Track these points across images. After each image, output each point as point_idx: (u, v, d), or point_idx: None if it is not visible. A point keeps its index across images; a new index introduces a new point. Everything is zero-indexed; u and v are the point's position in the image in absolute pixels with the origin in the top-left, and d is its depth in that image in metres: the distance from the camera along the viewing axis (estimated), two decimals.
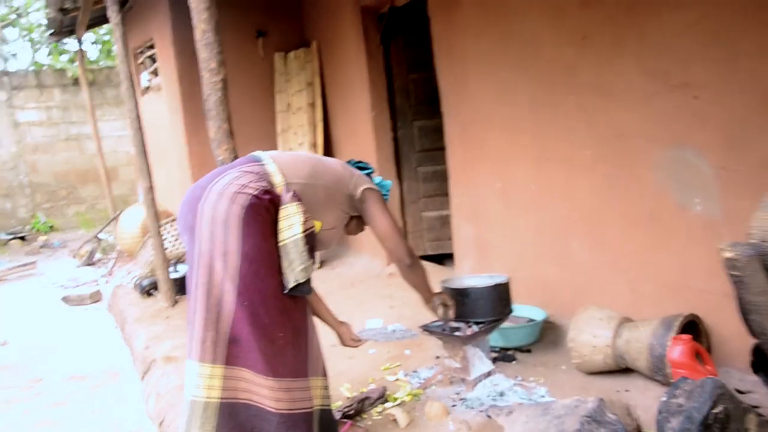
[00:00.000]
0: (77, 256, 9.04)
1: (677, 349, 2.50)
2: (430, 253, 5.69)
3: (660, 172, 3.07)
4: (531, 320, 3.58)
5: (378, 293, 5.01)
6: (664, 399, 2.08)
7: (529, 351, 3.45)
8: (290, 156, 2.53)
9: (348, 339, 2.81)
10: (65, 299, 6.87)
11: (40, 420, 3.89)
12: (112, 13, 5.11)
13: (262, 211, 2.28)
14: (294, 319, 2.34)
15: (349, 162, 2.80)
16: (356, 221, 2.72)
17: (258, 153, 2.51)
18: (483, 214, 4.32)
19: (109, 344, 5.31)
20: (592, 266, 3.53)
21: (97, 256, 8.82)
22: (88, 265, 8.68)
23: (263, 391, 2.24)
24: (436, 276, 5.06)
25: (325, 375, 2.53)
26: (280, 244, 2.31)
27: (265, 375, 2.23)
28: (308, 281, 2.34)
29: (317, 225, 2.46)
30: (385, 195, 2.77)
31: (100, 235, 9.04)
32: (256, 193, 2.27)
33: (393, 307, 4.59)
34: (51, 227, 11.99)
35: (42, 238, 11.12)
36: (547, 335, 3.63)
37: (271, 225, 2.31)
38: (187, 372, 2.29)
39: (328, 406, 2.53)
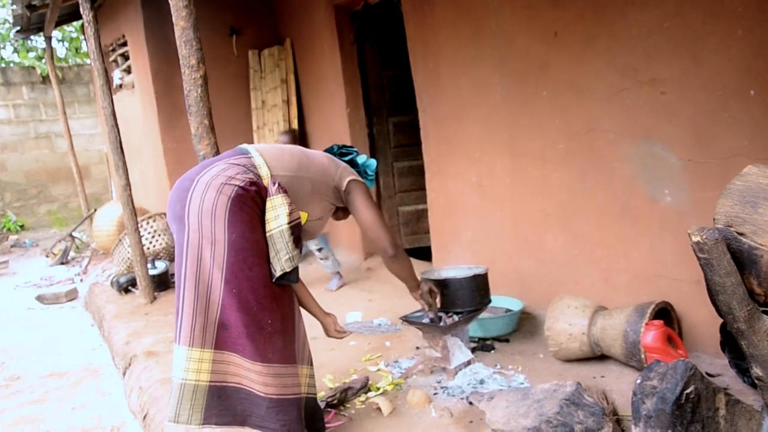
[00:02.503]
0: (50, 255, 8.95)
1: (650, 335, 2.61)
2: (407, 246, 5.76)
3: (630, 165, 3.17)
4: (508, 311, 3.68)
5: (356, 287, 5.08)
6: (639, 381, 2.16)
7: (507, 341, 3.54)
8: (276, 149, 2.58)
9: (333, 330, 2.86)
10: (40, 298, 6.82)
11: (18, 417, 3.89)
12: (84, 10, 5.08)
13: (249, 201, 2.33)
14: (282, 307, 2.40)
15: (333, 147, 2.86)
16: (342, 210, 2.79)
17: (245, 146, 2.56)
18: (459, 208, 4.41)
19: (87, 342, 5.30)
20: (567, 258, 3.63)
21: (71, 254, 8.74)
22: (62, 263, 8.61)
23: (252, 376, 2.30)
24: (415, 269, 5.15)
25: (311, 364, 2.60)
26: (267, 234, 2.37)
27: (254, 360, 2.29)
28: (295, 270, 2.40)
29: (303, 216, 2.52)
30: (371, 175, 2.84)
31: (74, 233, 8.96)
32: (242, 184, 2.33)
33: (372, 300, 4.66)
34: (22, 226, 11.83)
35: (13, 237, 10.98)
36: (524, 325, 3.73)
37: (258, 215, 2.37)
38: (175, 357, 2.34)
39: (314, 394, 2.60)
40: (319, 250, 4.98)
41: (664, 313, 2.99)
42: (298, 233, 2.42)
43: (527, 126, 3.73)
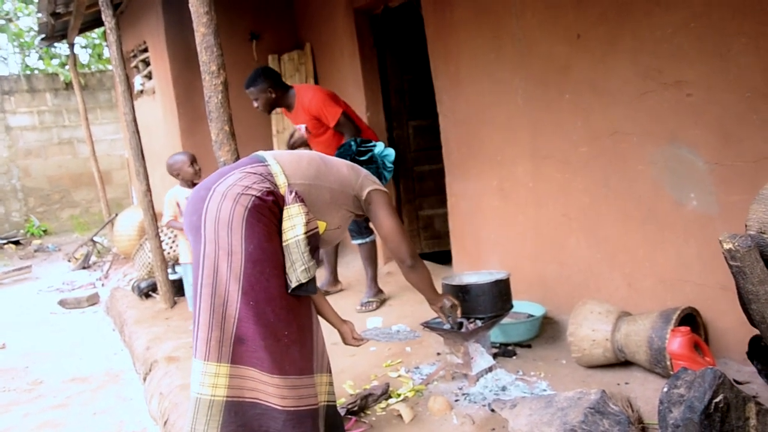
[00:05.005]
0: (72, 260, 9.04)
1: (676, 341, 2.55)
2: (426, 251, 5.73)
3: (655, 168, 3.12)
4: (530, 316, 3.63)
5: None
6: (665, 390, 2.12)
7: (529, 346, 3.49)
8: (294, 156, 2.55)
9: (350, 338, 2.83)
10: (62, 302, 6.89)
11: (41, 422, 3.91)
12: (107, 17, 5.12)
13: (266, 211, 2.31)
14: (299, 317, 2.37)
15: (351, 143, 2.83)
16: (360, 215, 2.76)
17: (262, 153, 2.54)
18: (480, 212, 4.37)
19: (108, 346, 5.33)
20: (590, 262, 3.58)
21: (93, 259, 8.83)
22: (84, 268, 8.70)
23: (269, 389, 2.27)
24: (434, 274, 5.12)
25: (329, 372, 2.56)
26: (284, 244, 2.34)
27: (271, 373, 2.25)
28: (312, 281, 2.37)
29: (322, 225, 2.49)
30: (390, 167, 2.82)
31: (95, 238, 9.04)
32: (259, 194, 2.30)
33: (392, 305, 4.63)
34: (45, 231, 11.98)
35: (36, 242, 11.12)
36: (546, 331, 3.68)
37: (275, 225, 2.34)
38: (193, 370, 2.32)
39: (333, 402, 2.57)
40: None
41: (690, 319, 2.93)
42: (315, 243, 2.39)
43: (549, 129, 3.69)
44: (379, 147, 2.86)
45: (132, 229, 7.14)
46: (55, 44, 10.70)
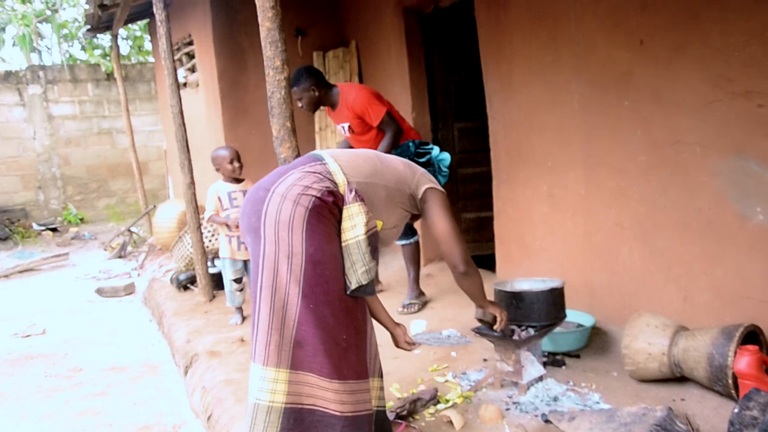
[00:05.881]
0: (108, 249, 9.14)
1: (744, 360, 2.46)
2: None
3: (719, 180, 3.03)
4: (580, 325, 3.56)
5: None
6: (737, 411, 2.05)
7: (578, 356, 3.43)
8: (351, 154, 2.51)
9: (402, 341, 2.78)
10: (99, 291, 6.96)
11: (82, 409, 3.94)
12: (158, 9, 5.15)
13: (326, 212, 2.27)
14: (356, 320, 2.33)
15: (409, 144, 2.79)
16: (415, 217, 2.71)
17: (319, 152, 2.50)
18: (527, 217, 4.30)
19: (145, 337, 5.36)
20: (643, 273, 3.50)
21: (128, 249, 8.91)
22: (119, 257, 8.78)
23: (328, 395, 2.23)
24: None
25: (381, 376, 2.52)
26: (343, 244, 2.30)
27: (331, 378, 2.21)
28: (371, 283, 2.33)
29: (378, 224, 2.45)
30: (445, 171, 2.76)
31: (132, 228, 9.13)
32: (319, 194, 2.26)
33: (433, 308, 4.58)
34: (81, 219, 12.14)
35: (73, 230, 11.27)
36: (595, 341, 3.60)
37: (334, 226, 2.30)
38: (251, 375, 2.29)
39: (383, 407, 2.53)
40: (238, 280, 4.69)
41: (752, 337, 2.84)
42: (375, 243, 2.35)
43: (605, 136, 3.61)
44: (435, 151, 2.80)
45: (172, 221, 7.18)
46: (98, 35, 10.81)
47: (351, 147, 4.64)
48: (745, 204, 2.93)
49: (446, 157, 2.79)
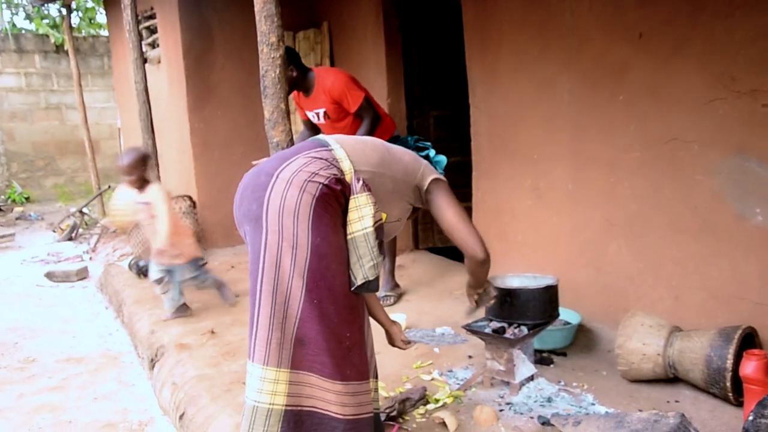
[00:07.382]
0: (57, 230, 8.72)
1: (751, 365, 2.41)
2: (439, 245, 5.57)
3: (717, 179, 2.98)
4: (566, 323, 3.49)
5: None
6: (752, 418, 1.99)
7: (564, 354, 3.36)
8: (357, 141, 2.35)
9: (398, 340, 2.67)
10: (49, 275, 6.60)
11: (38, 404, 3.68)
12: None
13: (333, 201, 2.12)
14: (359, 317, 2.19)
15: (407, 138, 2.65)
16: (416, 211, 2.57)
17: (323, 137, 2.34)
18: (509, 211, 4.21)
19: (103, 325, 5.09)
20: (631, 271, 3.44)
21: (80, 231, 8.52)
22: (69, 239, 8.39)
23: (329, 396, 2.09)
24: (448, 270, 4.96)
25: (376, 377, 2.40)
26: (349, 237, 2.15)
27: (333, 379, 2.08)
28: (377, 279, 2.19)
29: (383, 217, 2.30)
30: (441, 173, 2.64)
31: (84, 209, 8.73)
32: (326, 182, 2.10)
33: (409, 301, 4.47)
34: (27, 198, 11.59)
35: (18, 210, 10.75)
36: (580, 339, 3.54)
37: (340, 216, 2.15)
38: (248, 375, 2.13)
39: (377, 408, 2.40)
40: (195, 277, 4.44)
41: (748, 339, 2.81)
42: (381, 236, 2.21)
43: (596, 131, 3.53)
44: (432, 151, 2.66)
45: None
46: (47, 4, 10.28)
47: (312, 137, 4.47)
48: (744, 204, 2.89)
49: (443, 159, 2.64)
